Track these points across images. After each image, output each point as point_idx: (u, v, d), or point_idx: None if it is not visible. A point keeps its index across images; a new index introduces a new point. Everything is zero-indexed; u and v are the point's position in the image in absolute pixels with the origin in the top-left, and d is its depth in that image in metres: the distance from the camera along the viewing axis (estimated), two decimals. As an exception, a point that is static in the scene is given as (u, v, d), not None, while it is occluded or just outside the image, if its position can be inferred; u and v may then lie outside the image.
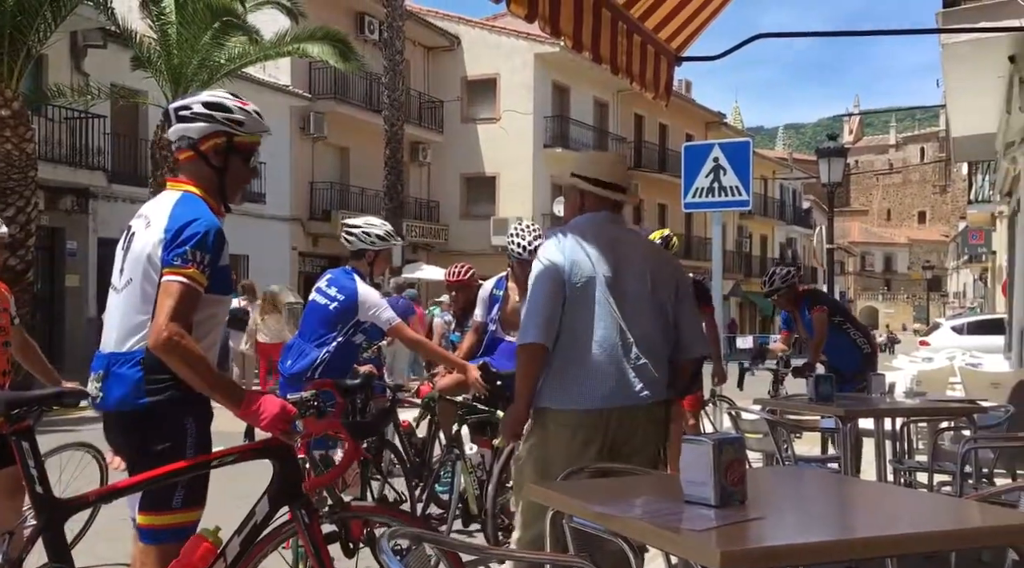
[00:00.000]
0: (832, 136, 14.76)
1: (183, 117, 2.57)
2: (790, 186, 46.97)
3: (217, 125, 2.55)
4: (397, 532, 2.19)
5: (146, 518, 2.52)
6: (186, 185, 2.60)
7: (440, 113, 27.27)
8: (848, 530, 2.00)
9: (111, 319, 2.60)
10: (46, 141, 15.21)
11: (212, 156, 2.58)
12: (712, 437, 2.15)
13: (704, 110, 37.11)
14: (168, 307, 2.36)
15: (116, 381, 2.50)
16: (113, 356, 2.53)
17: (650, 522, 1.99)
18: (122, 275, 2.58)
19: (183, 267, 2.40)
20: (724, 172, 7.40)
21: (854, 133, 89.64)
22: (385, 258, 4.56)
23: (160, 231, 2.47)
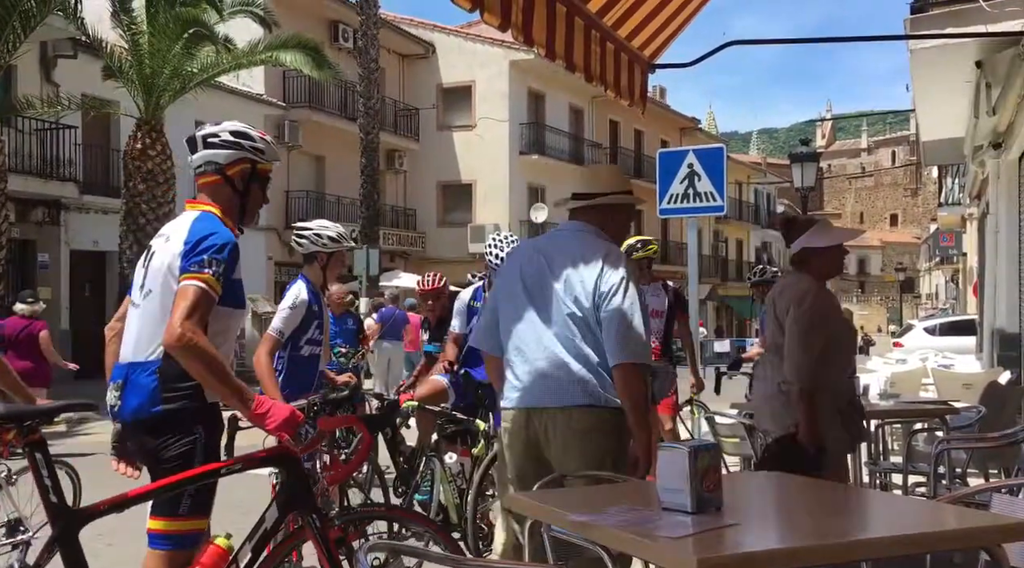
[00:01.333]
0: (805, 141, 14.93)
1: (211, 144, 2.76)
2: (764, 190, 47.39)
3: (244, 152, 2.77)
4: (376, 545, 2.18)
5: (156, 523, 2.62)
6: (205, 205, 2.76)
7: (416, 121, 27.24)
8: (825, 534, 2.01)
9: (130, 331, 2.71)
10: (16, 153, 15.00)
11: (237, 181, 2.78)
12: (688, 444, 2.16)
13: (679, 116, 37.36)
14: (183, 307, 2.47)
15: (133, 390, 2.61)
16: (131, 366, 2.64)
17: (626, 530, 1.99)
18: (142, 290, 2.71)
19: (199, 272, 2.53)
20: (699, 178, 7.45)
21: (827, 137, 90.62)
22: (338, 261, 4.38)
23: (180, 243, 2.61)
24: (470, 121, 27.37)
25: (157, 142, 14.80)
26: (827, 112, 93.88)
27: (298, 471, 2.71)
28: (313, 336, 4.27)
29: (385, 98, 24.08)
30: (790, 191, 34.46)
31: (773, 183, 48.13)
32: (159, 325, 2.57)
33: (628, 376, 2.84)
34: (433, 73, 27.62)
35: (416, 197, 27.48)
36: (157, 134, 14.81)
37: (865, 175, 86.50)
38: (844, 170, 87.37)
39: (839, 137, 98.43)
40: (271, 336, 4.10)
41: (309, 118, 22.74)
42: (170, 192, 15.03)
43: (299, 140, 22.41)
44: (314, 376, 4.34)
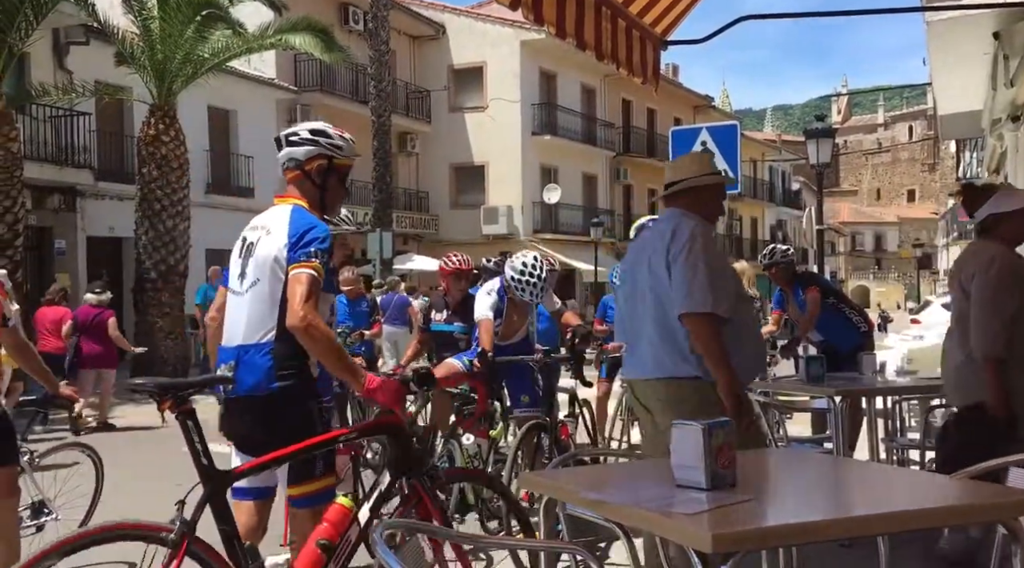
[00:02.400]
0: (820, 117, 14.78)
1: (292, 142, 3.01)
2: (779, 168, 47.01)
3: (321, 149, 3.00)
4: (390, 523, 2.20)
5: (296, 489, 2.91)
6: (293, 199, 3.00)
7: (427, 103, 27.16)
8: (840, 509, 2.01)
9: (236, 316, 2.94)
10: (31, 140, 15.09)
11: (315, 175, 3.01)
12: (702, 421, 2.16)
13: (692, 94, 37.05)
14: (300, 293, 2.74)
15: (248, 369, 2.84)
16: (243, 348, 2.87)
17: (642, 507, 2.00)
18: (245, 279, 2.95)
19: (308, 261, 2.79)
20: (712, 156, 7.39)
21: (842, 113, 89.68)
22: (340, 244, 4.29)
23: (284, 236, 2.86)
24: (482, 102, 27.27)
25: (170, 128, 14.84)
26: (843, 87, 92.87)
27: (405, 439, 2.98)
28: (325, 318, 4.28)
29: (396, 80, 24.03)
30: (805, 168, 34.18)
31: (788, 160, 47.73)
32: (269, 310, 2.84)
33: (693, 325, 3.09)
34: (444, 54, 27.51)
35: (428, 180, 27.46)
36: (170, 120, 14.85)
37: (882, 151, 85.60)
38: (860, 146, 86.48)
39: (855, 112, 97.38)
40: None
41: (320, 102, 22.71)
42: (184, 178, 15.08)
43: (311, 124, 22.40)
44: None
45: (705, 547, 1.75)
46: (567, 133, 28.40)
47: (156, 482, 7.07)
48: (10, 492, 3.75)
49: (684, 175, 3.45)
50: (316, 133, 3.01)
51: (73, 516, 4.61)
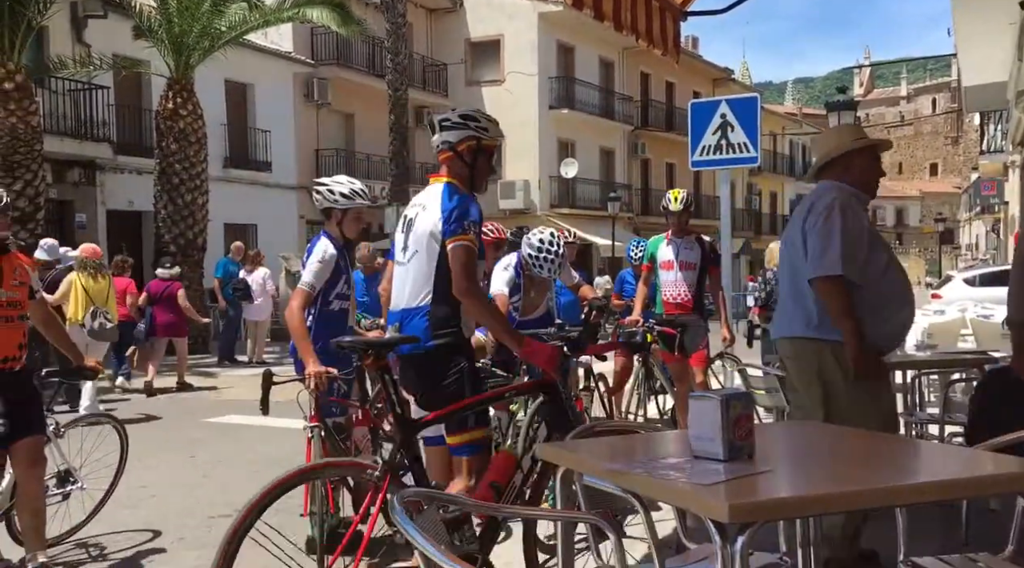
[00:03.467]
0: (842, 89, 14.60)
1: (444, 126, 3.32)
2: (800, 141, 46.50)
3: (470, 131, 3.30)
4: (409, 493, 2.22)
5: (454, 438, 3.26)
6: (446, 178, 3.32)
7: (444, 76, 27.02)
8: (858, 480, 2.01)
9: (401, 284, 3.34)
10: (50, 114, 15.16)
11: (466, 155, 3.31)
12: (720, 393, 2.15)
13: (711, 66, 36.62)
14: (461, 265, 3.13)
15: (409, 331, 3.22)
16: (406, 311, 3.28)
17: (659, 477, 2.00)
18: (407, 250, 3.32)
19: (464, 234, 3.15)
20: (732, 129, 7.30)
21: (865, 86, 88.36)
22: (354, 218, 4.32)
23: (438, 212, 3.21)
24: (499, 76, 27.09)
25: (188, 102, 14.85)
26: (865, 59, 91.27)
27: (558, 398, 3.33)
28: (342, 291, 4.28)
29: (413, 54, 23.87)
30: (826, 142, 33.58)
31: (809, 134, 47.15)
32: (426, 278, 3.22)
33: (820, 289, 3.25)
34: (461, 27, 27.30)
35: (446, 153, 27.36)
36: (188, 94, 14.86)
37: (904, 124, 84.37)
38: (883, 119, 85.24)
39: (878, 85, 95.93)
40: (303, 290, 4.11)
41: (337, 75, 22.65)
42: (202, 152, 15.12)
43: (328, 98, 22.37)
44: (344, 331, 4.35)
45: (722, 517, 1.75)
46: (585, 107, 28.18)
47: (173, 454, 7.18)
48: (37, 461, 3.84)
49: (828, 148, 3.51)
50: (466, 117, 3.33)
51: (98, 485, 4.69)
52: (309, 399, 3.98)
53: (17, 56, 12.47)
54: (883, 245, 3.48)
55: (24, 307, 3.88)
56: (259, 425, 7.36)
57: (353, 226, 4.34)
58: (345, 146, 23.65)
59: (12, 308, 3.79)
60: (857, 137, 3.58)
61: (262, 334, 13.69)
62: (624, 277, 8.71)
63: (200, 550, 4.49)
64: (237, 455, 6.96)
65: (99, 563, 4.27)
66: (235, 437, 7.76)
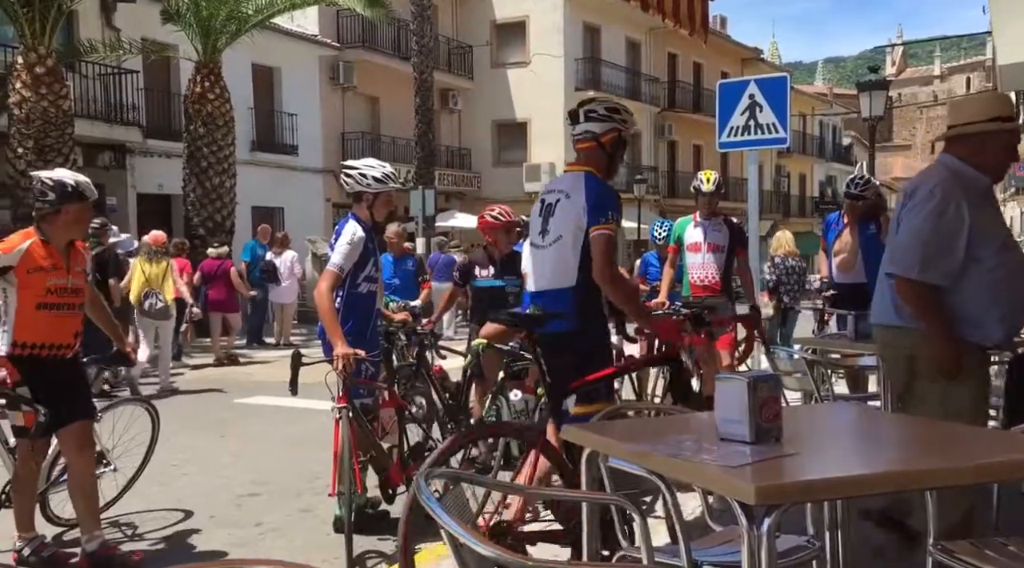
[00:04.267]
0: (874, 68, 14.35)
1: (591, 117, 3.52)
2: (830, 122, 45.83)
3: (615, 123, 3.52)
4: (435, 472, 2.23)
5: (582, 409, 3.37)
6: (584, 167, 3.50)
7: (469, 59, 26.92)
8: (886, 463, 1.99)
9: (541, 266, 3.56)
10: (81, 98, 15.32)
11: (609, 146, 3.51)
12: (747, 375, 2.14)
13: (740, 46, 36.14)
14: (602, 252, 3.34)
15: (552, 311, 3.40)
16: (548, 293, 3.49)
17: (685, 459, 2.00)
18: (547, 235, 3.52)
19: (607, 223, 3.34)
20: (760, 109, 7.23)
21: (897, 65, 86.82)
22: (384, 202, 4.33)
23: (582, 200, 3.38)
24: (524, 58, 26.94)
25: (216, 86, 14.94)
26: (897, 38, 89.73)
27: (683, 369, 3.57)
28: (370, 273, 4.30)
29: (438, 36, 23.81)
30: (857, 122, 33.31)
31: (839, 114, 46.48)
32: (570, 262, 3.41)
33: (897, 287, 3.15)
34: (486, 9, 27.15)
35: (471, 137, 27.33)
36: (215, 78, 14.95)
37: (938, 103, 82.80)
38: (915, 99, 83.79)
39: (910, 64, 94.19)
40: (332, 272, 4.13)
41: (363, 58, 22.65)
42: (229, 135, 15.22)
43: (353, 81, 22.39)
44: (372, 312, 4.39)
45: (748, 499, 1.74)
46: (611, 88, 27.95)
47: (203, 433, 7.28)
48: (85, 445, 3.91)
49: (966, 118, 3.21)
50: (611, 110, 3.53)
51: (130, 464, 4.77)
52: (337, 380, 4.01)
53: (48, 40, 12.60)
54: (998, 233, 3.19)
55: (84, 295, 3.92)
56: (288, 406, 7.44)
57: (383, 209, 4.37)
58: (370, 129, 23.69)
59: (75, 295, 3.83)
60: (1002, 115, 3.18)
61: (289, 316, 13.80)
62: (648, 260, 8.65)
63: (231, 528, 4.56)
64: (266, 435, 7.05)
65: (133, 541, 4.36)
66: (264, 418, 7.86)
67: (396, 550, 3.83)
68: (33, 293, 3.68)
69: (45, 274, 3.70)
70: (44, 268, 3.70)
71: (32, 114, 12.44)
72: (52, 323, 3.74)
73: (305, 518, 4.74)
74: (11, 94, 12.53)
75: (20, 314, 3.67)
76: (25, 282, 3.67)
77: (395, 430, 4.44)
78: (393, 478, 4.35)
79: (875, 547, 3.55)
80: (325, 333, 4.15)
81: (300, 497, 5.14)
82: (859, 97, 13.17)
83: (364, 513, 4.33)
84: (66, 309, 3.78)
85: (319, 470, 5.51)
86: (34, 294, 3.68)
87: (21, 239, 3.75)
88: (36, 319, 3.69)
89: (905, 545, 3.48)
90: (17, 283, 3.67)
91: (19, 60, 12.57)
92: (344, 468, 3.84)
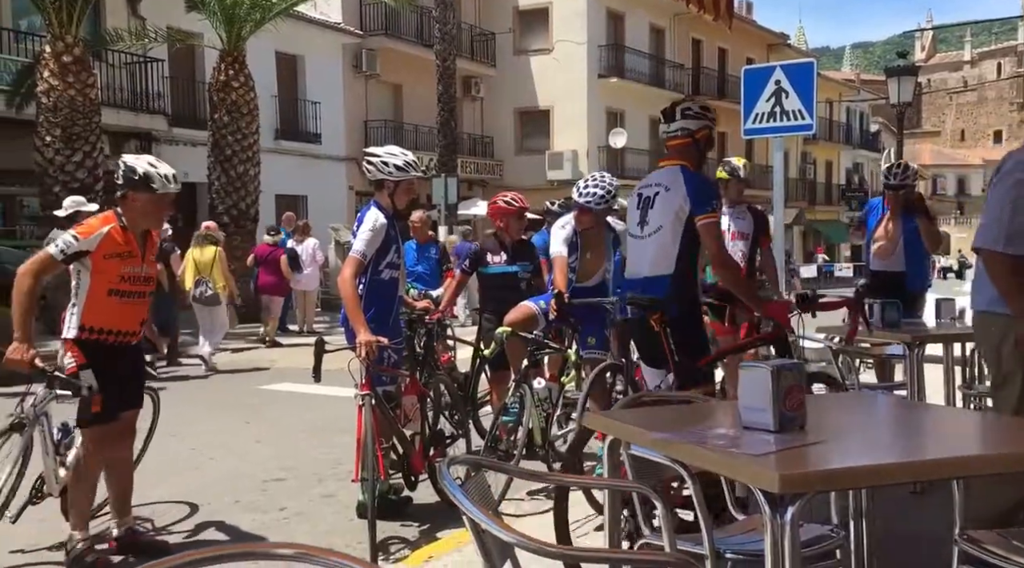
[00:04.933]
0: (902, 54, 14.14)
1: (686, 115, 3.76)
2: (857, 108, 45.23)
3: (707, 122, 3.80)
4: (457, 459, 2.24)
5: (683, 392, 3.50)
6: (679, 162, 3.75)
7: (492, 46, 26.83)
8: (912, 452, 1.96)
9: (640, 255, 3.79)
10: (108, 87, 15.46)
11: (701, 142, 3.78)
12: (771, 363, 2.12)
13: (766, 32, 35.74)
14: (714, 238, 3.62)
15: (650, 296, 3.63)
16: (647, 279, 3.72)
17: (708, 447, 1.98)
18: (646, 225, 3.74)
19: (712, 212, 3.61)
20: (786, 95, 7.12)
21: (926, 50, 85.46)
22: (406, 190, 4.31)
23: (682, 192, 3.62)
24: (547, 44, 26.81)
25: (240, 74, 15.01)
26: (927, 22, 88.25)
27: (787, 347, 3.72)
28: (392, 260, 4.30)
29: (461, 23, 23.75)
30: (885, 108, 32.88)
31: (866, 100, 45.87)
32: (669, 251, 3.65)
33: (983, 261, 3.07)
34: (509, -5, 27.05)
35: (493, 124, 27.28)
36: (240, 66, 15.02)
37: (967, 89, 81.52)
38: (945, 85, 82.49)
39: (940, 49, 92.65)
40: (355, 258, 4.14)
41: (386, 46, 22.65)
42: (253, 123, 15.29)
43: (376, 68, 22.41)
44: (394, 300, 4.39)
45: (772, 487, 1.73)
46: (634, 75, 27.77)
47: (228, 419, 7.36)
48: (132, 432, 3.95)
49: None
50: (704, 109, 3.84)
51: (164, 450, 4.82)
52: (360, 368, 4.02)
53: (75, 29, 12.71)
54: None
55: (154, 283, 3.92)
56: (311, 393, 7.50)
57: (404, 197, 4.35)
58: (393, 117, 23.71)
59: (146, 284, 3.79)
60: None
61: (312, 304, 13.90)
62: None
63: (255, 513, 4.60)
64: (290, 421, 7.11)
65: (159, 525, 4.41)
66: (288, 404, 7.93)
67: (418, 536, 3.86)
68: (107, 279, 3.62)
69: (121, 261, 3.64)
70: (120, 255, 3.64)
71: (60, 103, 12.57)
72: (121, 310, 3.68)
73: (328, 503, 4.78)
74: (39, 83, 12.66)
75: (91, 298, 3.62)
76: (100, 267, 3.60)
77: (417, 417, 4.46)
78: (415, 465, 4.37)
79: (900, 536, 3.52)
80: (348, 320, 4.16)
81: (323, 483, 5.19)
82: (887, 83, 12.99)
83: (386, 499, 4.36)
84: (136, 297, 3.73)
85: (341, 456, 5.55)
86: (107, 280, 3.62)
87: (100, 224, 3.66)
88: (106, 304, 3.64)
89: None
90: (91, 267, 3.60)
91: (47, 49, 12.70)
92: (368, 455, 3.86)
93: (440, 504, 4.39)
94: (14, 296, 3.51)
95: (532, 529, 3.77)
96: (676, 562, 1.80)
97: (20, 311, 3.49)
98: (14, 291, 3.51)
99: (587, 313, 4.99)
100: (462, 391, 5.51)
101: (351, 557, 1.30)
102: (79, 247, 3.55)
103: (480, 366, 5.62)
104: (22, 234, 15.32)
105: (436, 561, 3.75)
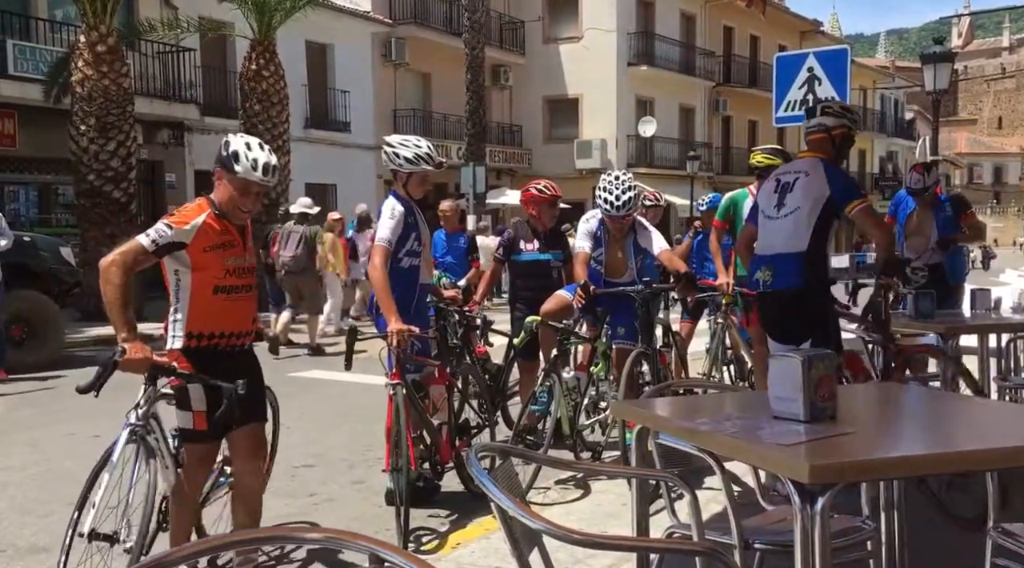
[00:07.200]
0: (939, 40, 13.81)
1: (826, 112, 4.07)
2: (891, 96, 44.49)
3: (845, 121, 4.05)
4: (485, 446, 2.25)
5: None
6: (817, 154, 4.04)
7: (521, 34, 26.74)
8: (943, 444, 1.94)
9: (774, 234, 4.05)
10: (141, 76, 15.64)
11: (837, 139, 4.05)
12: (802, 353, 2.10)
13: (799, 18, 35.24)
14: (874, 217, 4.02)
15: (782, 271, 3.94)
16: (779, 256, 3.98)
17: (737, 437, 1.98)
18: (783, 207, 4.01)
19: (863, 199, 3.93)
20: (819, 83, 7.03)
21: (963, 36, 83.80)
22: (418, 181, 4.29)
23: (824, 180, 3.91)
24: (576, 32, 26.66)
25: (270, 63, 15.11)
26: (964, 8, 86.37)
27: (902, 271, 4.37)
28: (412, 248, 4.30)
29: (490, 11, 23.69)
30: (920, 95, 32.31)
31: (901, 88, 45.09)
32: (803, 229, 3.91)
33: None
34: (538, -18, 26.92)
35: (522, 113, 27.21)
36: (270, 55, 15.12)
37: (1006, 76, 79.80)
38: (982, 72, 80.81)
39: (978, 35, 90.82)
40: (381, 247, 4.16)
41: (415, 34, 22.67)
42: (284, 113, 15.40)
43: (405, 57, 22.44)
44: (414, 287, 4.37)
45: (802, 477, 1.72)
46: (664, 63, 27.54)
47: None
48: (261, 450, 3.34)
49: None
50: (845, 109, 4.16)
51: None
52: (389, 356, 4.04)
53: (109, 20, 12.87)
54: None
55: (255, 274, 3.36)
56: (342, 380, 7.55)
57: (418, 189, 4.34)
58: (422, 106, 23.74)
59: (251, 275, 3.28)
60: None
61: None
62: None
63: (287, 498, 4.66)
64: (321, 409, 7.18)
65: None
66: (318, 392, 8.00)
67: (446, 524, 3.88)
68: (211, 275, 3.10)
69: (223, 252, 3.12)
70: (221, 245, 3.12)
71: (94, 92, 12.75)
72: (230, 308, 3.15)
73: (358, 490, 4.83)
74: (74, 72, 12.84)
75: (195, 300, 3.10)
76: (201, 262, 3.08)
77: (445, 407, 4.47)
78: (443, 455, 4.39)
79: (932, 528, 3.48)
80: (377, 308, 4.18)
81: (353, 469, 5.24)
82: (923, 70, 12.72)
83: (414, 487, 4.38)
84: (244, 291, 3.20)
85: (371, 443, 5.60)
86: (212, 276, 3.10)
87: (195, 212, 3.13)
88: (213, 305, 3.11)
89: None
90: (191, 264, 3.08)
91: (81, 39, 12.87)
92: (401, 443, 3.87)
93: (466, 493, 4.41)
94: (103, 291, 2.95)
95: (559, 517, 3.79)
96: (705, 551, 1.80)
97: (116, 307, 2.94)
98: (101, 284, 2.96)
99: (615, 304, 4.98)
100: (493, 382, 5.52)
101: (379, 541, 1.31)
102: (173, 237, 3.02)
103: (514, 357, 5.62)
104: (57, 222, 15.60)
105: (464, 548, 3.77)
